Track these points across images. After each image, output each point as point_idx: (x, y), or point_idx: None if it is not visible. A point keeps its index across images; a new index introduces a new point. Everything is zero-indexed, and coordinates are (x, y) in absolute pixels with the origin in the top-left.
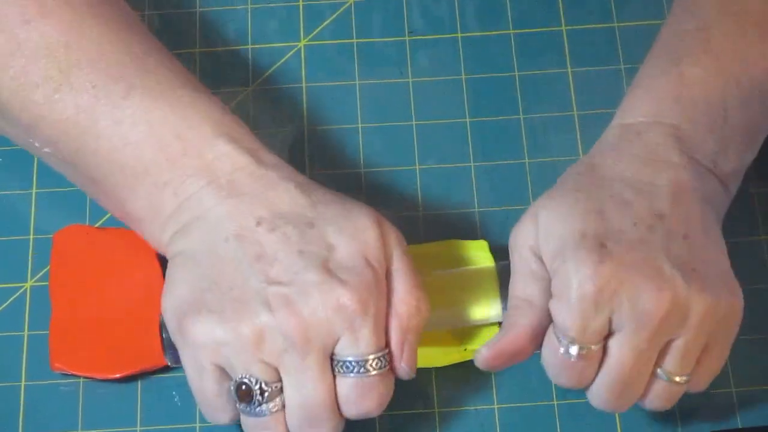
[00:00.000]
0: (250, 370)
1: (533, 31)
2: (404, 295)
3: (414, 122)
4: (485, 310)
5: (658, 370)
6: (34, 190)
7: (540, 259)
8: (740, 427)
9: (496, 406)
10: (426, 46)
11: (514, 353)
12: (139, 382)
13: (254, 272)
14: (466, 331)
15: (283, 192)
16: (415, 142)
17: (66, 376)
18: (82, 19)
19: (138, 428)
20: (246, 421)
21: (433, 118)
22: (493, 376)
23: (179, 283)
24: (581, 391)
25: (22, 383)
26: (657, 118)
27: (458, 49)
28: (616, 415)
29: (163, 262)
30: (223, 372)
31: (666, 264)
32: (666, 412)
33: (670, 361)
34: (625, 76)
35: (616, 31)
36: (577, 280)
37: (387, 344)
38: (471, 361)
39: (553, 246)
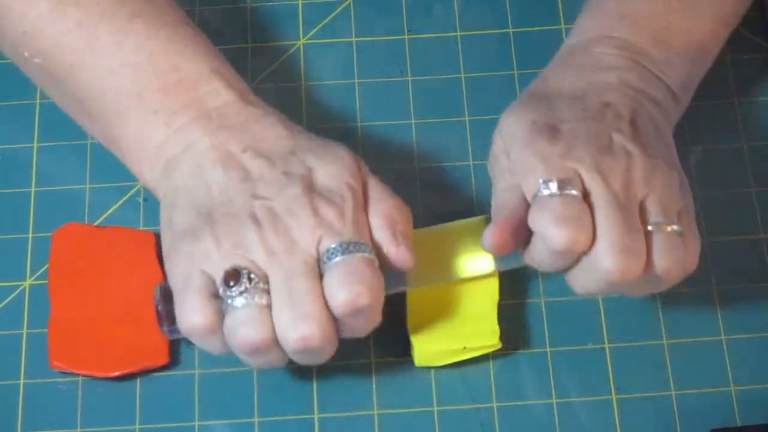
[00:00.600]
0: (238, 264)
1: (533, 29)
2: (383, 199)
3: (413, 121)
4: (479, 261)
5: (649, 225)
6: (33, 189)
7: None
8: (740, 426)
9: (495, 405)
10: (425, 45)
11: (515, 226)
12: (138, 381)
13: (240, 191)
14: (466, 332)
15: (266, 125)
16: (415, 141)
17: (65, 374)
18: None
19: (137, 426)
20: (232, 316)
21: (432, 117)
22: (492, 376)
23: (173, 216)
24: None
25: (21, 381)
26: (603, 33)
27: (457, 48)
28: (615, 414)
29: (162, 261)
30: (210, 279)
31: (615, 135)
32: (665, 411)
33: (654, 212)
34: None
35: None
36: (534, 149)
37: (372, 243)
38: (471, 361)
39: (512, 140)
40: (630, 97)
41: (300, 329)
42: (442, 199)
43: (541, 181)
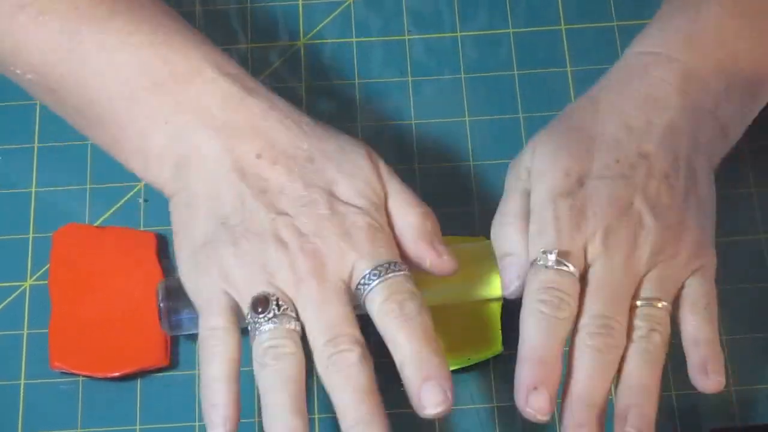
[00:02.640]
0: (266, 290)
1: (533, 30)
2: (410, 208)
3: (414, 121)
4: (487, 285)
5: (638, 301)
6: (33, 189)
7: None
8: (740, 426)
9: (495, 406)
10: (425, 46)
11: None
12: (139, 381)
13: (261, 205)
14: (469, 341)
15: (276, 123)
16: (415, 141)
17: (65, 374)
18: None
19: (137, 427)
20: (261, 342)
21: (432, 118)
22: (492, 376)
23: (190, 224)
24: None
25: (22, 382)
26: (667, 53)
27: (458, 49)
28: None
29: (162, 261)
30: (234, 302)
31: (638, 199)
32: (665, 411)
33: (647, 287)
34: None
35: (615, 30)
36: (552, 209)
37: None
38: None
39: (540, 180)
40: (673, 146)
41: (342, 356)
42: (442, 198)
43: (541, 250)
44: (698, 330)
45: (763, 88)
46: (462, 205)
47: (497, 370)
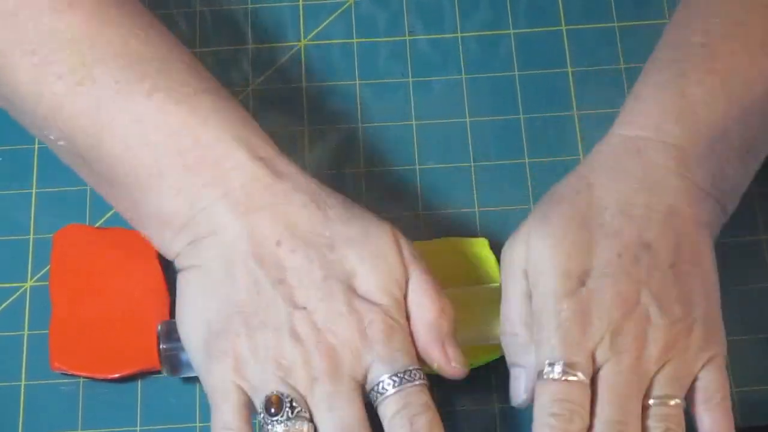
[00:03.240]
0: (279, 390)
1: (533, 31)
2: (428, 305)
3: (414, 122)
4: (495, 331)
5: (650, 400)
6: (34, 190)
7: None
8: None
9: (496, 406)
10: (426, 46)
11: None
12: (139, 382)
13: (278, 296)
14: (470, 347)
15: (299, 207)
16: (415, 142)
17: (66, 375)
18: (108, 13)
19: (138, 428)
20: None
21: (433, 118)
22: (492, 377)
23: (202, 305)
24: None
25: (22, 383)
26: (658, 136)
27: (458, 49)
28: None
29: (163, 261)
30: (247, 397)
31: (644, 295)
32: None
33: (658, 385)
34: (625, 76)
35: (616, 30)
36: (555, 315)
37: (419, 361)
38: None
39: (539, 283)
40: (674, 231)
41: None
42: (442, 199)
43: (547, 361)
44: (715, 426)
45: (754, 157)
46: (462, 205)
47: (498, 371)
